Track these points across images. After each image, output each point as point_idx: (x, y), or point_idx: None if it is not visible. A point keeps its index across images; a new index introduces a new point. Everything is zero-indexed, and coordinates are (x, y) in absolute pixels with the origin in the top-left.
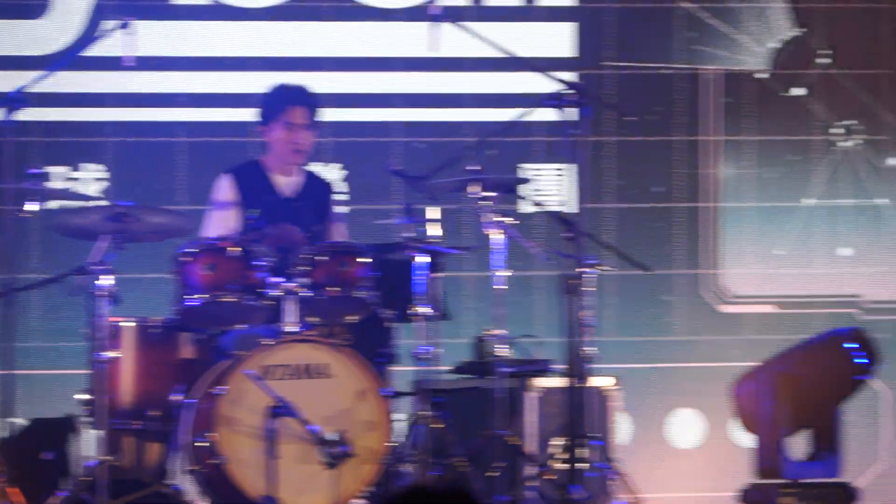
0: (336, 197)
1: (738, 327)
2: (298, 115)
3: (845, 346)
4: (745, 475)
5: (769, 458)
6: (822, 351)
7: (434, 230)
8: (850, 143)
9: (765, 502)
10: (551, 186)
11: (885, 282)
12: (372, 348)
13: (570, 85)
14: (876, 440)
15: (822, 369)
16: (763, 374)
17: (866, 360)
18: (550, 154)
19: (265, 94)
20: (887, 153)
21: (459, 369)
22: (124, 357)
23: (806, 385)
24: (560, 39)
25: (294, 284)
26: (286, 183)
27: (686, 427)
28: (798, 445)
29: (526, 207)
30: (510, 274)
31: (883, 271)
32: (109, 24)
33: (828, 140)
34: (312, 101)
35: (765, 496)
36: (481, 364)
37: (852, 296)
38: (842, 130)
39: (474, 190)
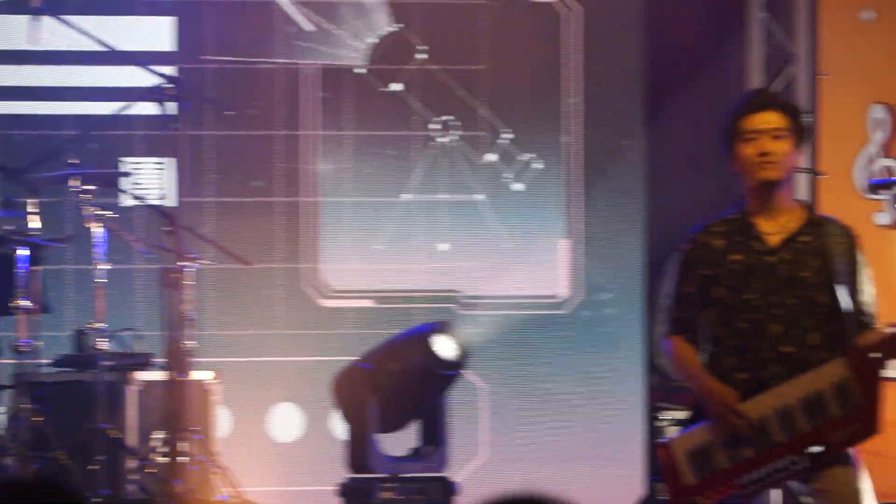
0: None
1: (339, 322)
2: None
3: (430, 339)
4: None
5: (361, 452)
6: (411, 345)
7: (34, 223)
8: (447, 139)
9: (364, 496)
10: (151, 180)
11: (481, 277)
12: None
13: (169, 79)
14: (475, 434)
15: (412, 364)
16: (358, 369)
17: (452, 354)
18: (150, 148)
19: None
20: (484, 149)
21: (59, 362)
22: None
23: (399, 379)
24: (160, 33)
25: None
26: None
27: (286, 421)
28: (403, 439)
29: (126, 201)
30: (110, 267)
31: (480, 266)
32: None
33: (426, 135)
34: None
35: (364, 491)
36: (82, 357)
37: (450, 291)
38: (439, 126)
39: (74, 183)
